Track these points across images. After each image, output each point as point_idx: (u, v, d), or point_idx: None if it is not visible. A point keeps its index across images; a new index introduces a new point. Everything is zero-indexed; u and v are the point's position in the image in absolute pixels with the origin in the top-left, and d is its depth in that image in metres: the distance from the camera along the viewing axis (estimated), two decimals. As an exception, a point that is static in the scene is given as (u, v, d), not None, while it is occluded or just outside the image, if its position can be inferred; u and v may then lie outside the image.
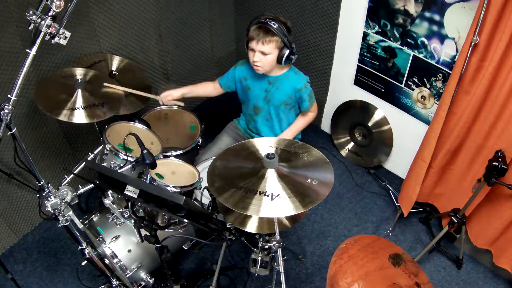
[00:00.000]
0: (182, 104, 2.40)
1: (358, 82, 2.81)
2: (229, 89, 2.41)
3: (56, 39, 1.54)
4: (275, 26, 1.97)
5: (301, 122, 2.34)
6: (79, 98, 1.96)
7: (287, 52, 2.05)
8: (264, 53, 2.04)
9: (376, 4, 2.38)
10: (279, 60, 2.08)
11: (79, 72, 2.06)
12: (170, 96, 2.34)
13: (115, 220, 2.04)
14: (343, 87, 2.93)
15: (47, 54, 2.17)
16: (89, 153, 2.23)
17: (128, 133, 1.79)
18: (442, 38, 2.18)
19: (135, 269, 2.01)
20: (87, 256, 1.90)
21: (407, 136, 2.71)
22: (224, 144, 2.42)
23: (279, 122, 2.36)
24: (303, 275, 2.40)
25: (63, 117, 1.86)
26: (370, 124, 2.88)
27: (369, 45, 2.57)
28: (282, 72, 2.21)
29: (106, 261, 2.05)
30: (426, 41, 2.26)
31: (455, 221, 2.22)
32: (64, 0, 1.47)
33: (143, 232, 1.65)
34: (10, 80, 2.04)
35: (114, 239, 1.99)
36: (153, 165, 1.75)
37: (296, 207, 1.41)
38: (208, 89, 2.43)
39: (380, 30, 2.45)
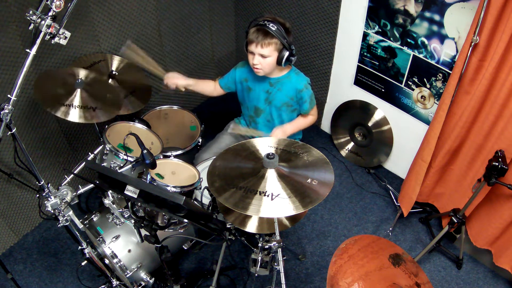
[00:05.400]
0: (182, 90, 2.34)
1: (358, 82, 2.81)
2: (229, 90, 2.41)
3: (56, 39, 1.55)
4: (273, 28, 1.96)
5: (301, 121, 2.32)
6: (77, 97, 1.96)
7: (286, 53, 2.04)
8: (264, 56, 2.04)
9: (376, 4, 2.38)
10: (278, 62, 2.07)
11: (82, 73, 2.06)
12: (176, 80, 2.28)
13: (115, 220, 2.04)
14: (343, 87, 2.93)
15: (47, 54, 2.17)
16: (89, 153, 2.23)
17: (128, 133, 1.79)
18: (442, 38, 2.18)
19: (135, 269, 2.01)
20: (87, 256, 1.90)
21: (407, 136, 2.71)
22: (224, 143, 2.41)
23: (281, 123, 2.35)
24: (303, 275, 2.40)
25: (60, 113, 1.86)
26: (370, 124, 2.88)
27: (369, 45, 2.58)
28: (283, 74, 2.21)
29: (106, 261, 2.05)
30: (426, 41, 2.27)
31: (455, 221, 2.22)
32: (64, 0, 1.47)
33: (143, 232, 1.64)
34: (10, 80, 2.04)
35: (114, 239, 1.99)
36: (153, 165, 1.75)
37: (296, 207, 1.41)
38: (209, 87, 2.43)
39: (380, 30, 2.45)
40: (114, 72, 2.36)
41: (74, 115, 1.89)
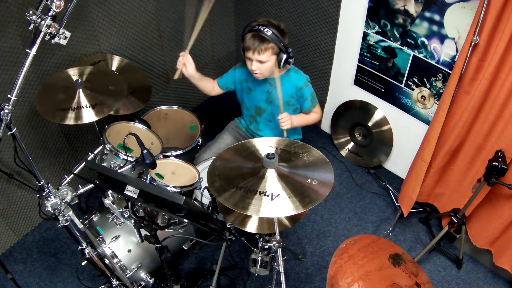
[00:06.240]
0: (178, 76, 2.16)
1: (358, 82, 2.81)
2: (228, 90, 2.41)
3: (56, 39, 1.55)
4: (268, 33, 1.95)
5: (306, 116, 2.31)
6: (81, 98, 1.95)
7: (284, 56, 2.03)
8: (262, 61, 2.04)
9: (376, 4, 2.38)
10: (277, 65, 2.07)
11: (73, 72, 2.04)
12: (187, 63, 2.12)
13: (115, 220, 2.04)
14: (343, 87, 2.93)
15: (47, 54, 2.17)
16: (89, 153, 2.23)
17: (128, 133, 1.79)
18: (442, 38, 2.18)
19: (135, 269, 2.01)
20: (87, 256, 1.90)
21: (407, 136, 2.71)
22: (224, 143, 2.41)
23: None
24: (303, 275, 2.40)
25: (69, 120, 1.86)
26: (370, 124, 2.88)
27: (369, 45, 2.57)
28: (282, 73, 2.21)
29: (106, 261, 2.05)
30: (426, 41, 2.26)
31: (455, 221, 2.22)
32: (64, 0, 1.47)
33: (143, 232, 1.65)
34: (10, 80, 2.05)
35: (114, 239, 1.99)
36: (153, 165, 1.75)
37: (296, 207, 1.41)
38: (209, 85, 2.41)
39: (380, 30, 2.45)
40: (114, 72, 2.36)
41: (87, 116, 1.89)
